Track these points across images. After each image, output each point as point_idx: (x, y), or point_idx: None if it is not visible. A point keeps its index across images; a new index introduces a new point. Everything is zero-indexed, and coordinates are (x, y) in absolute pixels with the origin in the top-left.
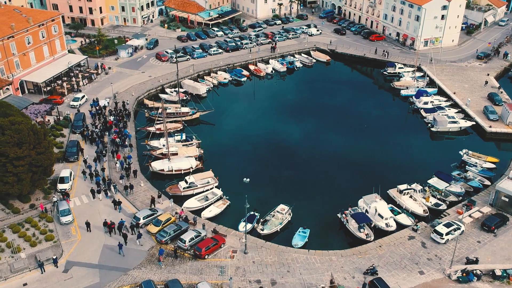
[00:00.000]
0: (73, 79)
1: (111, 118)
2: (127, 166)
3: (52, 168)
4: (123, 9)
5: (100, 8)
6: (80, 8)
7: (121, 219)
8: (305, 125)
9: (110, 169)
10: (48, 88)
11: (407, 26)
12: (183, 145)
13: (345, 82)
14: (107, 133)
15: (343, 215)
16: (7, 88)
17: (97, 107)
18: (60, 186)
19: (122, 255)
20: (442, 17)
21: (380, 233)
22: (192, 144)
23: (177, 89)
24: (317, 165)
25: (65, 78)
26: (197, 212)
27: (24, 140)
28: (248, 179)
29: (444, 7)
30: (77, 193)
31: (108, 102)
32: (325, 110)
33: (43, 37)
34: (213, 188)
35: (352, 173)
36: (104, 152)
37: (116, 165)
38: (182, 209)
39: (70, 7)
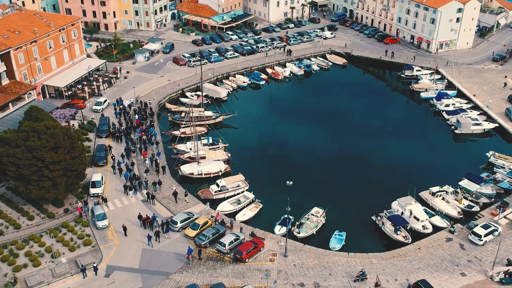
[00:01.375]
0: (94, 83)
1: (136, 117)
2: (155, 162)
3: (85, 172)
4: (136, 13)
5: (114, 12)
6: (94, 13)
7: (153, 214)
8: (329, 128)
9: (139, 165)
10: (69, 92)
11: (422, 29)
12: (210, 149)
13: (363, 84)
14: (133, 132)
15: (378, 217)
16: (30, 93)
17: (121, 106)
18: (93, 191)
19: (151, 246)
20: (457, 19)
21: (416, 235)
22: (218, 147)
23: (198, 92)
24: (346, 167)
25: (85, 82)
26: (230, 215)
27: (59, 144)
28: (291, 182)
29: (459, 10)
30: (109, 197)
31: (132, 102)
32: (346, 112)
33: (63, 41)
34: (244, 191)
35: (381, 175)
36: (132, 149)
37: (145, 162)
38: (218, 213)
39: (84, 12)
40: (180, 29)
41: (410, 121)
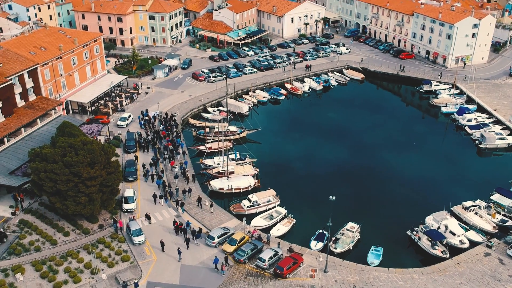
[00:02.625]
0: (117, 98)
1: (161, 127)
2: (182, 171)
3: (118, 187)
4: (153, 29)
5: (130, 28)
6: (110, 29)
7: (187, 221)
8: (352, 142)
9: (167, 174)
10: (92, 108)
11: (438, 44)
12: (237, 164)
13: (382, 99)
14: (159, 142)
15: (414, 232)
16: (54, 108)
17: (146, 117)
18: (126, 206)
19: (178, 259)
20: (473, 35)
21: (453, 250)
22: (245, 162)
23: (219, 108)
24: (374, 181)
25: (107, 98)
26: (264, 231)
27: (96, 160)
28: (334, 197)
29: (475, 26)
30: (142, 212)
31: (158, 114)
32: (368, 126)
33: (86, 57)
34: (275, 206)
35: (411, 190)
36: (160, 158)
37: (174, 170)
38: (255, 228)
39: (100, 28)
40: (197, 45)
41: (433, 136)
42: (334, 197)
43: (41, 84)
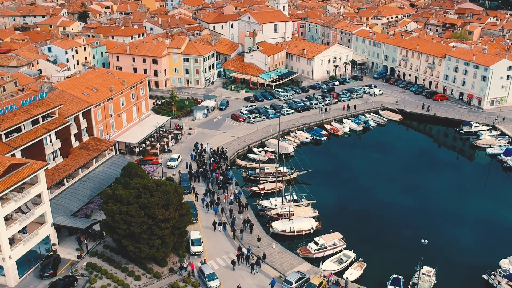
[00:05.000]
0: (164, 139)
1: (212, 160)
2: (237, 201)
3: (186, 230)
4: (186, 71)
5: (165, 70)
6: (145, 70)
7: (249, 246)
8: (404, 183)
9: (222, 203)
10: (139, 148)
11: (472, 86)
12: (295, 205)
13: (423, 140)
14: (210, 174)
15: (492, 276)
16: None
17: (199, 150)
18: (194, 249)
19: None
20: (508, 77)
21: None
22: (302, 204)
23: (265, 148)
24: (437, 224)
25: (152, 139)
26: (335, 275)
27: (170, 201)
28: (426, 241)
29: (510, 68)
30: (210, 256)
31: (211, 148)
32: (415, 167)
33: (133, 98)
34: (342, 250)
35: (477, 233)
36: (212, 188)
37: (230, 198)
38: (331, 273)
39: (134, 69)
40: (231, 86)
41: (482, 177)
42: (426, 241)
43: (93, 125)
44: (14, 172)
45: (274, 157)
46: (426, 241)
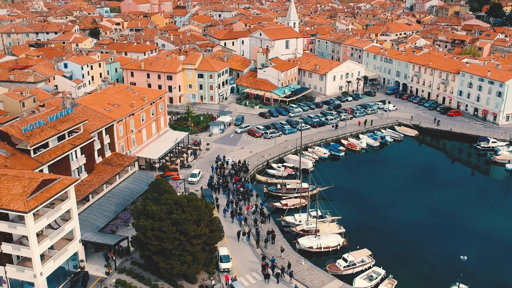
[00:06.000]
0: (184, 155)
1: (232, 172)
2: (260, 211)
3: (216, 246)
4: (201, 87)
5: (179, 86)
6: (159, 86)
7: (273, 257)
8: (427, 200)
9: (244, 214)
10: (159, 164)
11: (487, 102)
12: (320, 221)
13: (440, 155)
14: (231, 185)
15: None
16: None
17: (220, 163)
18: (223, 266)
19: None
20: None
21: None
22: (327, 220)
23: (285, 164)
24: (465, 240)
25: (171, 154)
26: None
27: (201, 217)
28: (465, 257)
29: None
30: (239, 272)
31: (233, 160)
32: (436, 183)
33: (152, 114)
34: (371, 266)
35: (508, 250)
36: (234, 200)
37: (252, 209)
38: None
39: (149, 85)
40: (246, 102)
41: (503, 193)
42: (465, 257)
43: (116, 141)
44: (46, 187)
45: (293, 173)
46: (466, 257)
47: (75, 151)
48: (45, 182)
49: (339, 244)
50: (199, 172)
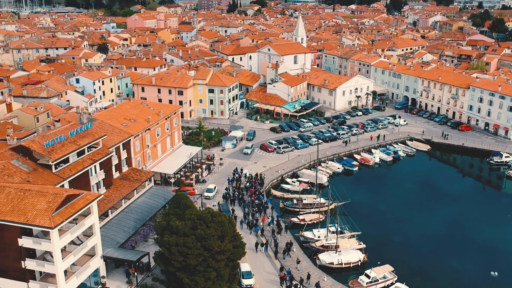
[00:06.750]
0: (199, 170)
1: (248, 184)
2: (276, 223)
3: (239, 262)
4: (211, 102)
5: (190, 101)
6: (170, 101)
7: (289, 268)
8: (447, 214)
9: (260, 225)
10: (174, 179)
11: (498, 117)
12: (339, 237)
13: (453, 170)
14: (246, 197)
15: None
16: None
17: (238, 175)
18: (245, 282)
19: None
20: None
21: None
22: (346, 235)
23: (299, 179)
24: (487, 256)
25: (185, 169)
26: None
27: (225, 233)
28: (496, 273)
29: None
30: (260, 285)
31: (250, 173)
32: (452, 198)
33: (167, 129)
34: (394, 283)
35: None
36: (249, 212)
37: (268, 220)
38: None
39: (160, 100)
40: (257, 117)
41: None
42: (496, 273)
43: (132, 155)
44: (70, 203)
45: (308, 188)
46: (496, 273)
47: (95, 166)
48: (69, 198)
49: (359, 260)
50: (215, 187)
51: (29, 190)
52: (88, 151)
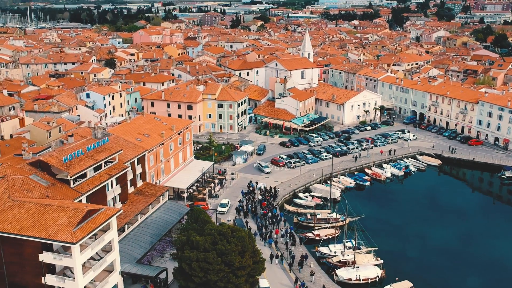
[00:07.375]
0: (211, 185)
1: (260, 197)
2: (289, 235)
3: (257, 277)
4: (220, 116)
5: (199, 116)
6: (179, 116)
7: (303, 280)
8: (464, 229)
9: (275, 238)
10: (186, 194)
11: (508, 131)
12: (355, 252)
13: (465, 185)
14: (259, 210)
15: None
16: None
17: (252, 188)
18: None
19: None
20: None
21: None
22: (362, 251)
23: (312, 193)
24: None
25: (197, 184)
26: None
27: (245, 248)
28: None
29: None
30: None
31: (264, 186)
32: (466, 213)
33: (179, 143)
34: None
35: None
36: (263, 224)
37: (281, 232)
38: None
39: (169, 115)
40: (267, 131)
41: None
42: None
43: (146, 170)
44: (90, 218)
45: (321, 202)
46: None
47: (111, 181)
48: (90, 213)
49: (377, 276)
50: (228, 202)
51: (50, 205)
52: (104, 166)
